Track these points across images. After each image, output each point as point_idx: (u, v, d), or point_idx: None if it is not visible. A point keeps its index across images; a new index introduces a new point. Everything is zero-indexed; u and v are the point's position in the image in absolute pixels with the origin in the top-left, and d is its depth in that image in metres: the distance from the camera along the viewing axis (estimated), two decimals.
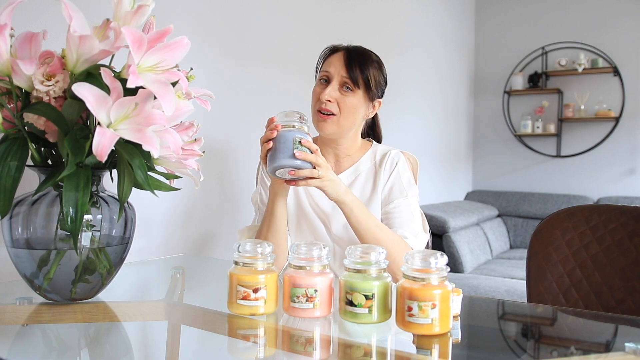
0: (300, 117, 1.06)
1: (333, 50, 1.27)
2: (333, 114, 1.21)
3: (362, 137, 1.36)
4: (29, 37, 0.77)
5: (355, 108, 1.23)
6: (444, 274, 0.72)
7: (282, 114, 1.07)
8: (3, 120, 0.79)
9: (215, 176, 1.75)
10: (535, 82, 4.06)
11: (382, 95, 1.30)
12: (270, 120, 1.07)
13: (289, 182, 1.09)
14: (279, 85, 2.00)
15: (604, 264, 1.23)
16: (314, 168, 1.05)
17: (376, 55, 1.28)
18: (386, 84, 1.31)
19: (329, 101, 1.20)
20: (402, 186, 1.27)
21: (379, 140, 1.42)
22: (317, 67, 1.31)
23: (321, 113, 1.21)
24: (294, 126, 1.05)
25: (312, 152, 1.04)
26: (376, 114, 1.37)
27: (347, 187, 1.14)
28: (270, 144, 1.04)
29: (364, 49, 1.27)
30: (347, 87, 1.21)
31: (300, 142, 1.03)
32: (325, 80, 1.24)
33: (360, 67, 1.21)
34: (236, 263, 0.82)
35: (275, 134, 1.04)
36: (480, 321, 0.91)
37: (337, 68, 1.22)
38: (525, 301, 1.33)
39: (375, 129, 1.43)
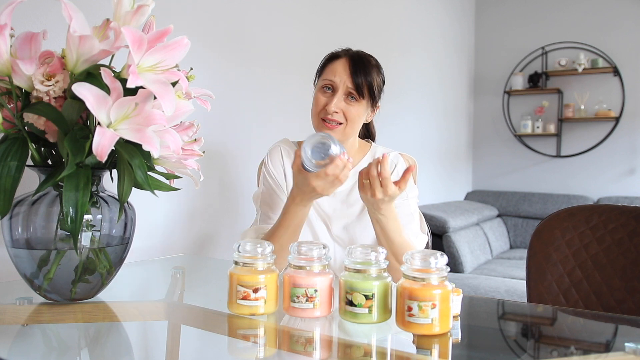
0: (322, 136, 1.05)
1: (334, 57, 1.25)
2: (340, 123, 1.21)
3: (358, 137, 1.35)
4: (29, 37, 0.77)
5: (360, 116, 1.24)
6: (444, 274, 0.72)
7: (311, 141, 1.04)
8: (3, 120, 0.79)
9: (216, 176, 1.75)
10: (535, 82, 4.06)
11: (380, 99, 1.30)
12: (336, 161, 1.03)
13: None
14: (279, 85, 2.00)
15: (604, 264, 1.23)
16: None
17: (375, 59, 1.27)
18: (384, 84, 1.30)
19: (336, 112, 1.20)
20: None
21: (373, 138, 1.42)
22: (318, 72, 1.29)
23: (326, 122, 1.21)
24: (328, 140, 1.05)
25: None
26: None
27: (389, 208, 1.12)
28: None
29: (364, 53, 1.26)
30: (352, 97, 1.21)
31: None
32: (329, 89, 1.23)
33: (365, 76, 1.20)
34: (236, 263, 0.82)
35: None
36: (480, 321, 0.91)
37: (342, 78, 1.20)
38: (525, 301, 1.33)
39: (369, 127, 1.42)
